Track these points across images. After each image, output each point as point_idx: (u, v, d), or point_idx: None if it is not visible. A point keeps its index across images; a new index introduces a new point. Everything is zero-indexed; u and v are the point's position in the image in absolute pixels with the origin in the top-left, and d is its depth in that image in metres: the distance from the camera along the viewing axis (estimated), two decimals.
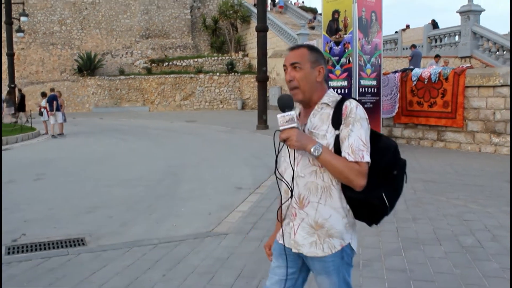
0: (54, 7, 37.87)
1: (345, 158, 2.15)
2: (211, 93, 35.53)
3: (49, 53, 37.46)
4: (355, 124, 2.18)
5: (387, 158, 2.25)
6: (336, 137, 2.20)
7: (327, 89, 2.37)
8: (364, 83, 12.36)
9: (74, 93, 35.91)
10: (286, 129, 2.17)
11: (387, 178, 2.25)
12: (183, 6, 41.05)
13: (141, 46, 39.14)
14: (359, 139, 2.16)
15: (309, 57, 2.32)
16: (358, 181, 2.14)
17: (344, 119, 2.20)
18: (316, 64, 2.32)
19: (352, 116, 2.19)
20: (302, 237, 2.29)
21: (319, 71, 2.32)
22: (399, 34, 28.76)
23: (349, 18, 12.13)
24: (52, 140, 17.82)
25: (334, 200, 2.24)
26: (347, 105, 2.22)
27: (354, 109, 2.20)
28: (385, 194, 2.21)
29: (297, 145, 2.16)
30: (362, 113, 2.22)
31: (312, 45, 2.43)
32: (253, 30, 25.44)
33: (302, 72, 2.31)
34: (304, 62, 2.31)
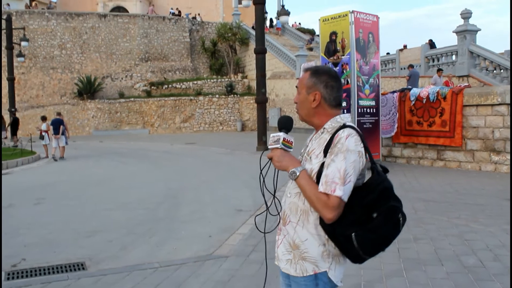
0: (55, 32, 38.18)
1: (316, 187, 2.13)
2: (210, 115, 35.64)
3: (49, 77, 37.66)
4: (339, 155, 2.12)
5: (370, 197, 2.12)
6: (322, 164, 2.17)
7: (334, 114, 2.34)
8: (362, 104, 12.42)
9: (74, 117, 36.01)
10: (272, 148, 2.25)
11: (365, 219, 2.11)
12: (182, 30, 41.42)
13: (141, 69, 39.38)
14: (337, 171, 2.09)
15: (306, 82, 2.35)
16: (324, 213, 2.09)
17: (331, 148, 2.17)
18: (312, 89, 2.33)
19: (338, 146, 2.14)
20: (282, 253, 2.34)
21: (314, 98, 2.32)
22: (397, 54, 28.98)
23: (346, 39, 12.24)
24: (53, 164, 17.81)
25: (310, 225, 2.23)
26: (339, 133, 2.19)
27: (342, 139, 2.15)
28: (355, 235, 2.09)
29: (278, 165, 2.23)
30: (352, 144, 2.14)
31: (317, 69, 2.40)
32: (252, 52, 25.60)
33: (300, 96, 2.37)
34: (302, 87, 2.36)
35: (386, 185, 2.14)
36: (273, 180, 2.39)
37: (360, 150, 2.15)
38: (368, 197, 2.11)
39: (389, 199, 2.13)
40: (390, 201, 2.13)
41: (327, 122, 2.31)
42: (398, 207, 2.14)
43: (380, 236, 2.12)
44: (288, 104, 30.78)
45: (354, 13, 12.32)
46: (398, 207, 2.15)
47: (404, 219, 2.16)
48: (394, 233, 2.15)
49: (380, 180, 2.15)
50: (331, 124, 2.28)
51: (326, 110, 2.33)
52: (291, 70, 31.66)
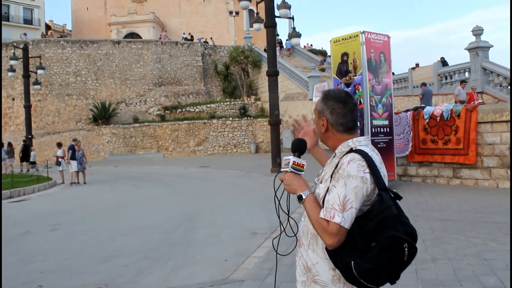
0: (70, 59, 38.80)
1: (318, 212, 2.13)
2: (224, 138, 35.76)
3: (65, 103, 38.16)
4: (340, 180, 2.10)
5: (369, 226, 2.06)
6: (327, 189, 2.16)
7: (345, 138, 2.32)
8: (376, 123, 12.39)
9: (90, 142, 36.34)
10: (283, 171, 2.29)
11: (364, 248, 2.05)
12: (195, 54, 41.87)
13: (155, 94, 39.77)
14: (337, 197, 2.06)
15: (317, 107, 2.38)
16: (324, 239, 2.09)
17: (334, 173, 2.16)
18: (321, 115, 2.36)
19: (340, 171, 2.12)
20: (298, 274, 2.36)
21: (322, 123, 2.35)
22: (409, 73, 28.93)
23: (358, 60, 12.27)
24: (69, 189, 17.95)
25: (320, 249, 2.23)
26: (342, 158, 2.18)
27: (344, 165, 2.13)
28: (354, 263, 2.04)
29: (288, 188, 2.27)
30: (353, 170, 2.10)
31: (327, 94, 2.39)
32: (264, 75, 25.76)
33: (315, 120, 2.44)
34: (315, 111, 2.42)
35: (386, 214, 2.07)
36: (287, 202, 2.42)
37: (363, 176, 2.09)
38: (368, 225, 2.07)
39: (388, 229, 2.04)
40: (389, 231, 2.03)
41: (338, 146, 2.31)
42: (399, 237, 2.03)
43: (380, 266, 2.04)
44: None
45: (365, 34, 12.37)
46: (399, 236, 2.03)
47: (412, 248, 2.06)
48: (398, 263, 2.06)
49: (381, 209, 2.07)
50: (341, 149, 2.28)
51: (335, 135, 2.33)
52: (304, 91, 31.74)
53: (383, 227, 2.04)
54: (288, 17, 19.93)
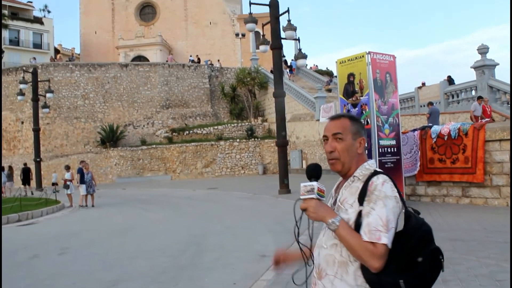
0: (78, 83, 39.17)
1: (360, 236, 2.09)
2: (232, 160, 35.76)
3: (73, 126, 38.42)
4: (378, 202, 2.10)
5: (412, 242, 2.08)
6: (359, 212, 2.14)
7: (366, 160, 2.33)
8: (383, 143, 12.37)
9: (98, 165, 36.46)
10: (306, 199, 2.16)
11: (410, 264, 2.07)
12: (202, 76, 42.16)
13: (162, 116, 39.98)
14: (379, 219, 2.07)
15: (350, 128, 2.31)
16: (371, 263, 2.04)
17: (368, 196, 2.14)
18: (357, 135, 2.31)
19: (375, 193, 2.13)
20: None
21: (360, 143, 2.31)
22: (415, 92, 28.94)
23: (364, 80, 12.31)
24: (77, 212, 17.97)
25: (350, 277, 2.15)
26: (373, 180, 2.17)
27: (379, 186, 2.14)
28: (404, 281, 2.04)
29: (314, 217, 2.15)
30: (388, 190, 2.13)
31: (354, 116, 2.42)
32: (271, 96, 25.84)
33: (344, 143, 2.29)
34: (346, 133, 2.30)
35: (425, 228, 2.13)
36: (309, 233, 2.29)
37: (396, 196, 2.15)
38: (410, 242, 2.08)
39: (431, 242, 2.11)
40: (432, 244, 2.11)
41: (357, 169, 2.28)
42: (439, 249, 2.12)
43: (429, 280, 2.11)
44: (309, 146, 30.80)
45: (371, 54, 12.42)
46: (439, 248, 2.12)
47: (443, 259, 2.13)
48: (438, 275, 2.13)
49: (419, 224, 2.13)
50: (361, 172, 2.26)
51: (362, 156, 2.33)
52: (310, 112, 31.79)
53: (426, 241, 2.10)
54: (294, 39, 20.07)
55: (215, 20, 61.45)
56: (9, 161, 37.19)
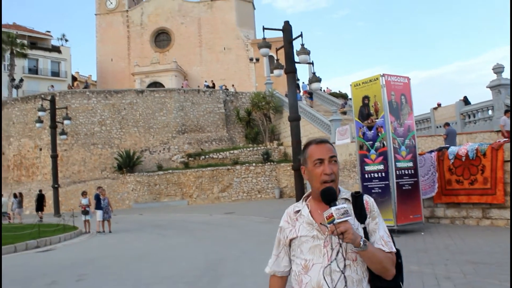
0: (95, 109, 39.66)
1: (380, 249, 2.30)
2: (248, 184, 35.72)
3: (90, 152, 38.78)
4: (379, 217, 2.39)
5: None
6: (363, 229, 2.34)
7: None
8: (400, 165, 12.29)
9: (115, 190, 36.66)
10: (342, 222, 2.18)
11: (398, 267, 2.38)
12: (217, 101, 42.44)
13: (178, 141, 40.21)
14: (385, 232, 2.37)
15: (336, 151, 2.48)
16: (393, 270, 2.31)
17: (369, 213, 2.37)
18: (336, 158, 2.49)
19: (375, 210, 2.40)
20: None
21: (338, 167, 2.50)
22: (431, 113, 28.79)
23: (379, 102, 12.30)
24: (94, 238, 18.02)
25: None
26: (367, 200, 2.40)
27: (374, 204, 2.41)
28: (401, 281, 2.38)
29: (353, 238, 2.19)
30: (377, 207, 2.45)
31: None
32: (286, 119, 25.85)
33: (337, 166, 2.45)
34: (337, 156, 2.48)
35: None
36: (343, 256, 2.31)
37: None
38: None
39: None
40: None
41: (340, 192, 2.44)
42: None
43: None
44: None
45: (385, 77, 12.43)
46: None
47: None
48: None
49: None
50: (346, 194, 2.43)
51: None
52: (326, 135, 31.74)
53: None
54: (308, 63, 20.14)
55: (229, 45, 62.09)
56: (28, 187, 37.61)
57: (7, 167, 40.10)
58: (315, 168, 2.41)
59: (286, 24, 18.57)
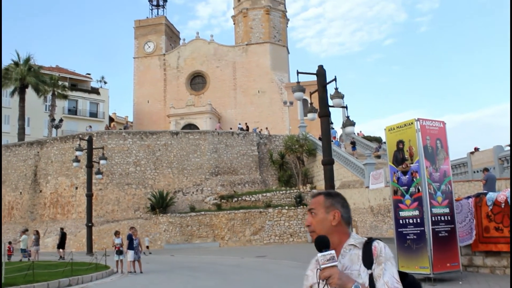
0: (130, 150, 40.35)
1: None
2: (280, 227, 35.42)
3: (124, 192, 39.25)
4: (387, 262, 2.40)
5: None
6: (369, 276, 2.39)
7: (349, 232, 2.58)
8: (436, 211, 12.04)
9: (147, 230, 36.83)
10: (327, 267, 2.32)
11: None
12: (250, 144, 42.69)
13: (211, 183, 40.38)
14: (392, 277, 2.37)
15: (324, 203, 2.57)
16: None
17: (376, 259, 2.41)
18: (330, 209, 2.55)
19: (382, 255, 2.42)
20: None
21: (333, 216, 2.54)
22: (468, 157, 28.26)
23: (414, 147, 12.18)
24: (125, 278, 18.04)
25: None
26: (375, 245, 2.45)
27: (383, 249, 2.44)
28: None
29: (339, 283, 2.31)
30: (390, 252, 2.45)
31: (330, 192, 2.69)
32: (320, 163, 25.81)
33: (317, 217, 2.57)
34: (319, 208, 2.57)
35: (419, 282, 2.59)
36: None
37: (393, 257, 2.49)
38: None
39: None
40: None
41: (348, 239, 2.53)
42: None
43: None
44: (358, 214, 30.25)
45: (420, 121, 12.35)
46: None
47: None
48: None
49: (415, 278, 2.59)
50: (356, 240, 2.51)
51: (343, 227, 2.57)
52: (360, 179, 31.45)
53: None
54: (342, 106, 20.20)
55: (263, 88, 62.84)
56: (63, 225, 38.10)
57: (44, 204, 40.88)
58: None
59: (320, 68, 18.75)
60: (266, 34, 64.64)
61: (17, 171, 42.76)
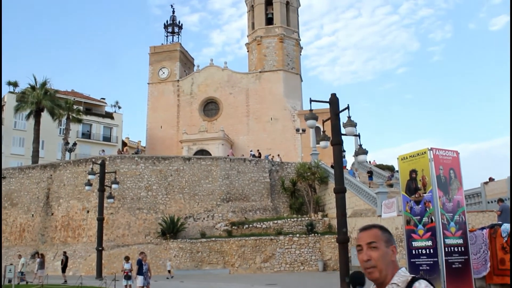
0: (142, 175, 40.48)
1: None
2: (291, 255, 35.11)
3: (135, 217, 39.25)
4: None
5: None
6: None
7: (398, 267, 2.50)
8: (449, 242, 11.88)
9: (157, 256, 36.69)
10: None
11: None
12: (262, 170, 42.66)
13: (222, 209, 40.28)
14: None
15: (382, 236, 2.50)
16: None
17: None
18: (389, 243, 2.49)
19: None
20: None
21: (392, 250, 2.48)
22: (482, 188, 27.97)
23: (427, 177, 12.10)
24: None
25: None
26: (416, 285, 2.33)
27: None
28: None
29: None
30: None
31: (382, 226, 2.59)
32: (331, 190, 25.65)
33: (379, 251, 2.46)
34: (380, 241, 2.49)
35: None
36: None
37: None
38: None
39: None
40: None
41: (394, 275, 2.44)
42: None
43: None
44: None
45: (433, 150, 12.29)
46: None
47: None
48: None
49: None
50: (399, 279, 2.40)
51: (395, 263, 2.51)
52: (372, 208, 31.20)
53: None
54: (354, 135, 20.18)
55: (276, 115, 63.06)
56: (73, 248, 38.12)
57: (55, 227, 40.99)
58: (358, 255, 2.53)
59: (332, 96, 18.83)
60: (279, 62, 65.14)
61: (30, 193, 43.05)
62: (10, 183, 43.99)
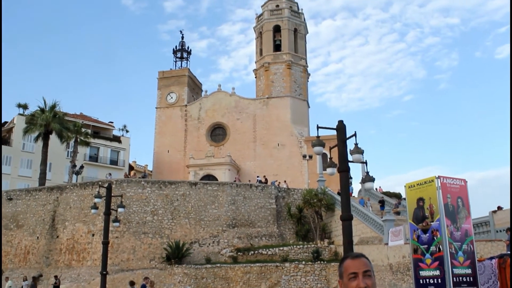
0: (148, 199, 40.43)
1: None
2: (297, 282, 34.72)
3: (140, 241, 39.06)
4: None
5: None
6: None
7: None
8: (457, 272, 11.74)
9: (161, 281, 36.38)
10: None
11: None
12: (269, 196, 42.51)
13: (228, 235, 40.06)
14: None
15: (371, 266, 2.63)
16: None
17: None
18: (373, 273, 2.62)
19: None
20: None
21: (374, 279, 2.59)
22: (490, 216, 27.71)
23: (434, 205, 12.03)
24: None
25: None
26: None
27: None
28: None
29: None
30: None
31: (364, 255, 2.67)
32: (338, 218, 25.47)
33: (372, 279, 2.57)
34: (371, 270, 2.62)
35: None
36: None
37: None
38: None
39: None
40: None
41: None
42: None
43: None
44: (377, 271, 29.57)
45: (440, 179, 12.23)
46: None
47: None
48: None
49: None
50: None
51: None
52: (378, 235, 30.94)
53: None
54: (361, 162, 20.13)
55: (283, 142, 63.14)
56: (77, 272, 37.91)
57: (60, 250, 40.82)
58: (350, 282, 2.56)
59: (340, 123, 18.82)
60: (287, 88, 65.53)
61: (36, 215, 43.03)
62: (17, 204, 44.03)
